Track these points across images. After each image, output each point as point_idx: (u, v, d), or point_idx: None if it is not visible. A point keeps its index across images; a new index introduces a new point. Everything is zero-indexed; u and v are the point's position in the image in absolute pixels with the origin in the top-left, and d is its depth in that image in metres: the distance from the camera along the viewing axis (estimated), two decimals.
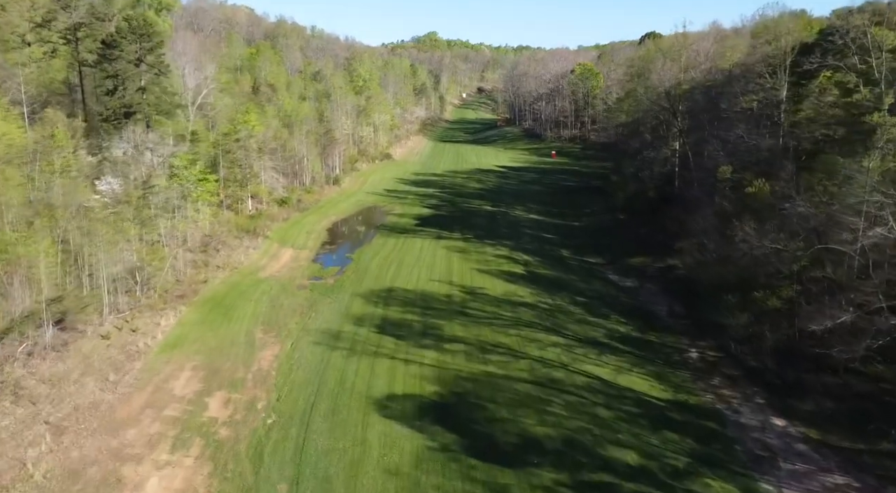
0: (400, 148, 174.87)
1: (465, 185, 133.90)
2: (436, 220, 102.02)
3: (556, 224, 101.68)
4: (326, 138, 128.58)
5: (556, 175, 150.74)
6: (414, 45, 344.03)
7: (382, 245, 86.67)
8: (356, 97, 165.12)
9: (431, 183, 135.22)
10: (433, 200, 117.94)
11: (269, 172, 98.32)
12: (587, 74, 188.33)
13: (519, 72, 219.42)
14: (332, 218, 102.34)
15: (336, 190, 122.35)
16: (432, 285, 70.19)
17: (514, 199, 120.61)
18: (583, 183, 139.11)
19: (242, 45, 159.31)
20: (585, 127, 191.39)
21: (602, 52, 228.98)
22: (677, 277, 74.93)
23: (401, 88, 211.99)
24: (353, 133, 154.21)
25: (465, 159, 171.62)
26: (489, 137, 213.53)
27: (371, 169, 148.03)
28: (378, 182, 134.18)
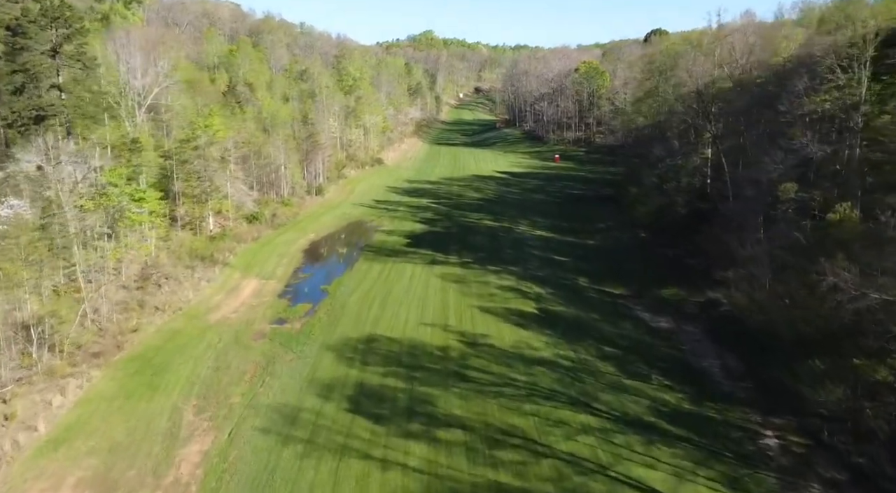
0: (392, 152, 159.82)
1: (463, 194, 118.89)
2: (430, 238, 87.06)
3: (568, 243, 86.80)
4: (309, 143, 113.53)
5: (562, 182, 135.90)
6: (409, 43, 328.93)
7: (366, 272, 71.72)
8: (345, 97, 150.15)
9: (426, 192, 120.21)
10: (427, 212, 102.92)
11: (237, 185, 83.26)
12: (592, 73, 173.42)
13: (519, 71, 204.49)
14: (311, 236, 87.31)
15: (319, 201, 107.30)
16: (423, 331, 55.25)
17: (517, 211, 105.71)
18: (591, 191, 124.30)
19: (221, 41, 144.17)
20: (590, 129, 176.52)
21: (606, 50, 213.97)
22: (723, 316, 60.09)
23: (394, 88, 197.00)
24: (340, 136, 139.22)
25: (462, 164, 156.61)
26: (488, 140, 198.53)
27: (360, 176, 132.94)
28: (367, 191, 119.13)
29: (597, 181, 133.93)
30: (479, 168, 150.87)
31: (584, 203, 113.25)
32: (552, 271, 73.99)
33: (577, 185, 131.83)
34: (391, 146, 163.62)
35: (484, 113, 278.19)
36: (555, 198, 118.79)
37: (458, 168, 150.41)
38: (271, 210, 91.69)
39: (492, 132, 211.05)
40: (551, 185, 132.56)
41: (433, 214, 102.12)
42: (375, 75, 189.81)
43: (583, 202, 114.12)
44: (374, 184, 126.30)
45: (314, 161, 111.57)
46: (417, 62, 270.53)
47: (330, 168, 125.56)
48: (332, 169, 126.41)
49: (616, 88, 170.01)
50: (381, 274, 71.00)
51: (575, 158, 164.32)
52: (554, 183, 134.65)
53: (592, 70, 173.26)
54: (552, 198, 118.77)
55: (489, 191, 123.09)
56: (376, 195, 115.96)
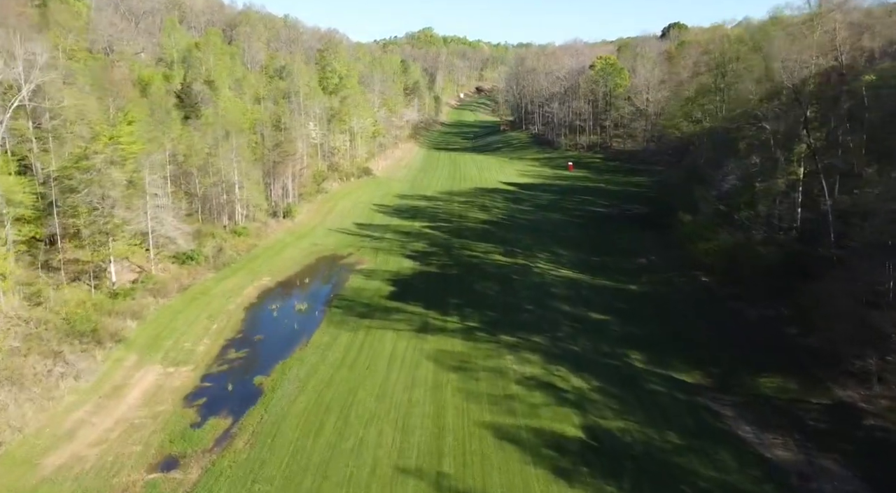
0: (384, 160, 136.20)
1: (465, 215, 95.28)
2: (422, 285, 63.51)
3: (604, 289, 63.32)
4: (277, 153, 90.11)
5: (580, 196, 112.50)
6: (407, 41, 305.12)
7: (327, 349, 48.32)
8: (329, 98, 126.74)
9: (420, 212, 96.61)
10: (420, 242, 79.33)
11: (164, 215, 59.88)
12: (609, 70, 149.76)
13: (525, 68, 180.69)
14: (264, 281, 63.92)
15: (286, 227, 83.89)
16: (402, 489, 32.03)
17: (532, 238, 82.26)
18: (618, 208, 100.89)
19: (185, 34, 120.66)
20: (607, 133, 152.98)
21: (620, 46, 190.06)
22: (876, 439, 37.16)
23: (389, 88, 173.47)
24: (322, 143, 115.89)
25: (463, 174, 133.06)
26: (491, 145, 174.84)
27: (343, 190, 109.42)
28: (349, 211, 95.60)
29: (622, 195, 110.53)
30: (482, 178, 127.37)
31: (613, 225, 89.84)
32: (592, 341, 50.53)
33: (599, 200, 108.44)
34: (383, 153, 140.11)
35: (486, 114, 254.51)
36: (575, 218, 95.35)
37: (459, 179, 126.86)
38: (216, 244, 68.33)
39: (495, 136, 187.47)
40: (568, 200, 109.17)
41: (427, 244, 78.58)
42: (368, 74, 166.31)
43: (611, 224, 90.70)
44: (359, 201, 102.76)
45: (282, 175, 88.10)
46: (415, 60, 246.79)
47: (305, 182, 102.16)
48: (308, 183, 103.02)
49: (637, 86, 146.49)
50: (347, 353, 47.56)
51: (591, 167, 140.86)
52: (571, 197, 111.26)
53: (609, 66, 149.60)
54: (572, 218, 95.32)
55: (496, 209, 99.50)
56: (359, 217, 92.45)
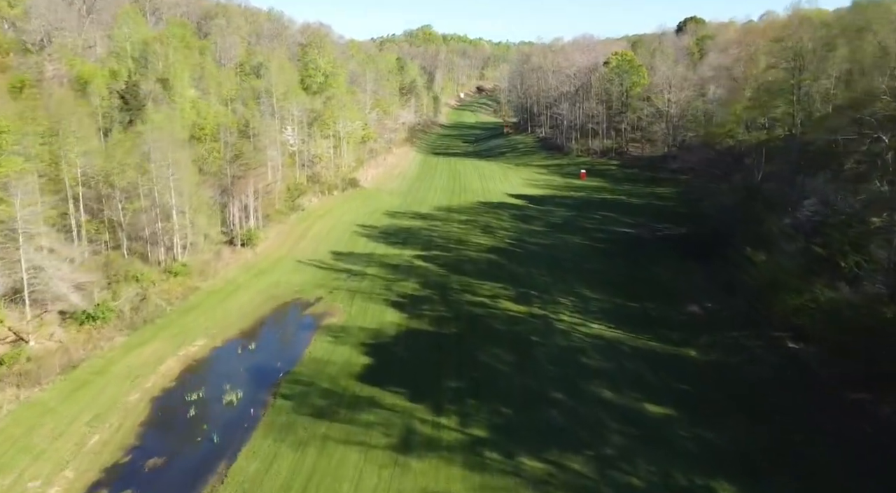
0: (374, 168, 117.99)
1: (466, 239, 77.08)
2: (407, 354, 45.26)
3: (654, 357, 45.26)
4: (237, 166, 72.14)
5: (599, 211, 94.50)
6: (406, 39, 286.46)
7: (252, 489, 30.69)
8: (312, 98, 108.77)
9: (412, 236, 78.48)
10: (410, 281, 61.06)
11: (49, 263, 41.98)
12: (626, 67, 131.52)
13: (531, 66, 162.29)
14: (194, 348, 45.83)
15: (243, 259, 65.79)
16: None
17: (550, 273, 64.23)
18: (646, 228, 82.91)
19: (141, 23, 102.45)
20: (622, 137, 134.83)
21: (634, 41, 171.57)
22: None
23: (383, 87, 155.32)
24: (301, 151, 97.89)
25: (464, 184, 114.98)
26: (494, 149, 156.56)
27: (323, 207, 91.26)
28: (326, 235, 77.53)
29: (647, 211, 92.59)
30: (486, 190, 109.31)
31: (646, 253, 71.94)
32: (655, 462, 32.61)
33: (622, 216, 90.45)
34: (373, 160, 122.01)
35: (487, 115, 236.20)
36: (598, 242, 77.40)
37: (459, 190, 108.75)
38: (138, 292, 50.44)
39: (498, 139, 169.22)
40: (586, 217, 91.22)
41: (419, 283, 60.40)
42: (360, 72, 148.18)
43: (642, 251, 72.76)
44: (341, 220, 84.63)
45: (243, 193, 70.02)
46: (413, 58, 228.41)
47: (279, 197, 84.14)
48: (281, 199, 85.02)
49: (656, 85, 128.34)
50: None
51: (606, 175, 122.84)
52: (589, 213, 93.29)
53: (626, 63, 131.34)
54: (594, 242, 77.37)
55: (503, 232, 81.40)
56: (338, 243, 74.42)
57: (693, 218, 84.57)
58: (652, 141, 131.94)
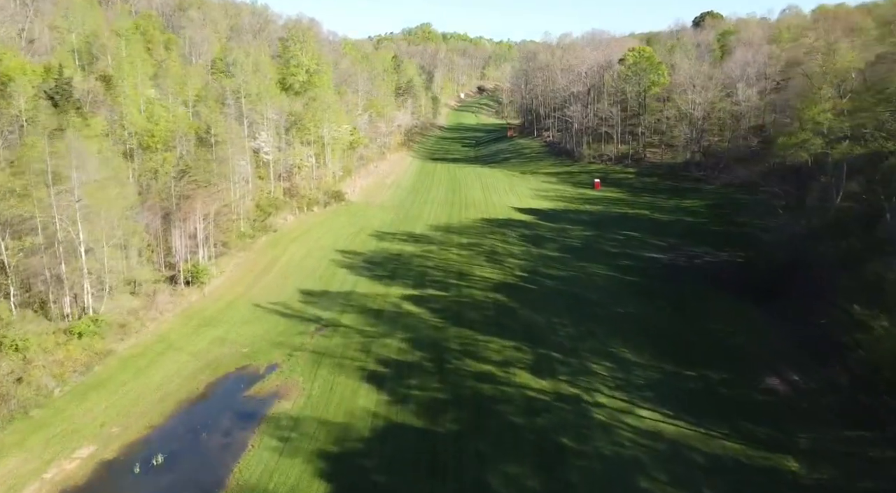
0: (363, 178, 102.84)
1: (468, 271, 61.72)
2: (386, 474, 30.22)
3: (740, 475, 30.61)
4: (184, 184, 57.08)
5: (621, 229, 79.40)
6: (404, 37, 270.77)
7: None
8: (293, 99, 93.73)
9: (402, 266, 63.17)
10: (395, 339, 45.58)
11: None
12: (644, 65, 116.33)
13: (537, 64, 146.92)
14: (76, 459, 30.97)
15: (185, 304, 50.63)
16: None
17: (576, 322, 49.14)
18: (682, 254, 68.02)
19: (93, 12, 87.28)
20: (639, 141, 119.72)
21: (649, 38, 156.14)
22: None
23: (378, 87, 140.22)
24: (276, 160, 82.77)
25: (465, 196, 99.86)
26: (498, 154, 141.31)
27: (299, 227, 76.13)
28: (297, 266, 62.32)
29: (678, 229, 77.71)
30: (489, 203, 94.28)
31: (690, 288, 57.04)
32: None
33: (650, 236, 75.53)
34: (363, 168, 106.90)
35: (489, 116, 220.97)
36: (627, 273, 62.29)
37: (460, 204, 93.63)
38: (12, 370, 35.43)
39: (502, 142, 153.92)
40: (608, 236, 76.25)
41: (407, 341, 45.19)
42: (353, 71, 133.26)
43: (685, 287, 57.71)
44: (318, 245, 69.49)
45: (189, 220, 54.85)
46: (411, 57, 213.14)
47: (243, 219, 69.08)
48: (250, 219, 70.02)
49: (679, 85, 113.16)
50: None
51: (623, 184, 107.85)
52: (610, 232, 78.31)
53: (645, 60, 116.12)
54: (623, 274, 62.26)
55: (512, 259, 66.20)
56: (310, 277, 59.28)
57: (735, 240, 69.90)
58: (671, 146, 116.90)
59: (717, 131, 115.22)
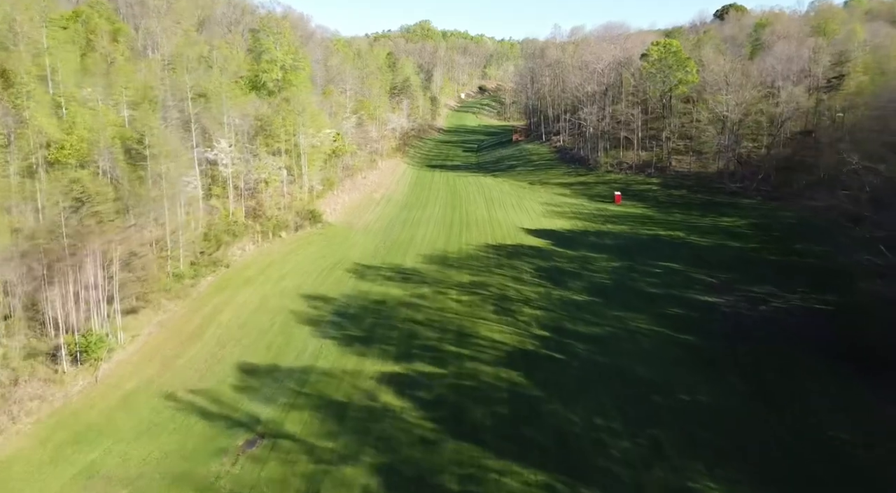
0: (347, 193, 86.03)
1: (471, 330, 45.00)
2: None
3: None
4: (81, 218, 40.45)
5: (657, 258, 62.58)
6: (402, 34, 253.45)
7: None
8: (264, 100, 77.15)
9: (383, 322, 46.12)
10: (361, 470, 28.69)
11: None
12: (670, 61, 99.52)
13: (547, 61, 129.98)
14: None
15: (57, 403, 33.62)
16: None
17: (629, 426, 32.40)
18: (742, 298, 51.47)
19: None
20: (663, 148, 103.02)
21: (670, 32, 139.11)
22: None
23: (370, 87, 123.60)
24: (236, 174, 66.10)
25: (466, 214, 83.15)
26: (503, 161, 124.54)
27: (260, 260, 59.23)
28: (240, 327, 45.19)
29: (725, 258, 61.49)
30: (495, 223, 77.65)
31: (769, 354, 40.63)
32: None
33: (694, 268, 59.02)
34: (349, 180, 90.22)
35: (491, 117, 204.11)
36: (680, 327, 45.68)
37: (460, 224, 76.99)
38: None
39: (506, 147, 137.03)
40: (643, 269, 59.55)
41: (378, 475, 28.67)
42: (340, 69, 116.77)
43: (761, 350, 41.33)
44: (276, 289, 52.63)
45: (93, 266, 38.25)
46: (409, 55, 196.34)
47: (184, 255, 52.45)
48: (194, 253, 53.43)
49: (710, 83, 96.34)
50: None
51: (647, 197, 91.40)
52: (644, 262, 61.57)
53: (671, 56, 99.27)
54: (675, 327, 45.67)
55: (528, 309, 49.34)
56: (256, 344, 42.32)
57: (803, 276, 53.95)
58: (700, 153, 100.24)
59: (752, 136, 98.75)
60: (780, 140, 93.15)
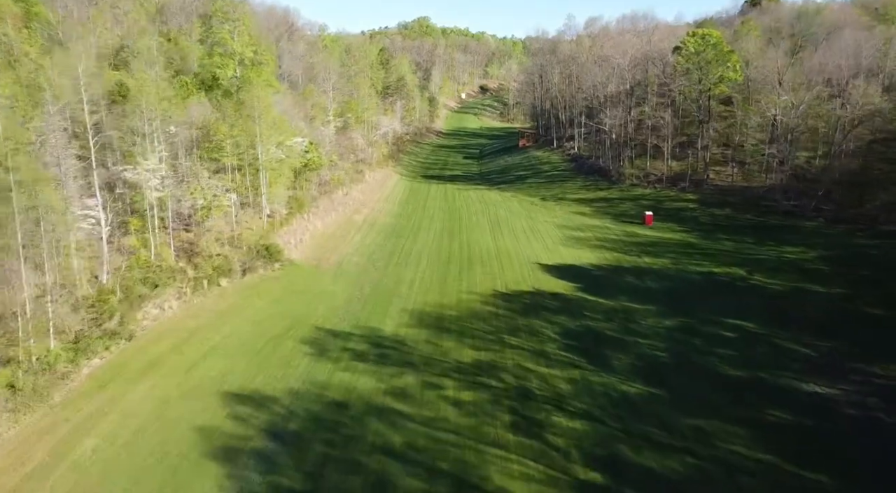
0: (321, 217, 67.92)
1: (478, 466, 27.13)
2: None
3: None
4: None
5: (721, 317, 44.73)
6: (399, 31, 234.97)
7: None
8: (217, 102, 59.49)
9: (339, 450, 27.87)
10: None
11: None
12: (710, 55, 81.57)
13: (560, 56, 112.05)
14: None
15: None
16: None
17: None
18: (867, 386, 33.64)
19: None
20: (698, 157, 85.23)
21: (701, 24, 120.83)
22: None
23: (358, 86, 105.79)
24: (165, 198, 48.50)
25: (467, 242, 65.32)
26: (509, 171, 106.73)
27: (181, 326, 41.47)
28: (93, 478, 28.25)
29: (813, 313, 43.60)
30: (503, 256, 59.89)
31: None
32: None
33: (775, 329, 41.20)
34: (327, 198, 72.42)
35: (493, 119, 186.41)
36: (801, 454, 28.00)
37: (459, 260, 59.12)
38: None
39: (512, 154, 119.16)
40: (705, 332, 41.74)
41: None
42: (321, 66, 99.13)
43: None
44: (191, 382, 34.93)
45: None
46: (406, 51, 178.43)
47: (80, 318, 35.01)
48: (85, 319, 35.95)
49: (759, 81, 78.59)
50: None
51: (683, 218, 73.88)
52: (704, 320, 43.73)
53: (710, 48, 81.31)
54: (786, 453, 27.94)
55: (562, 420, 31.44)
56: None
57: None
58: (743, 164, 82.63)
59: (806, 145, 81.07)
60: (843, 150, 75.54)
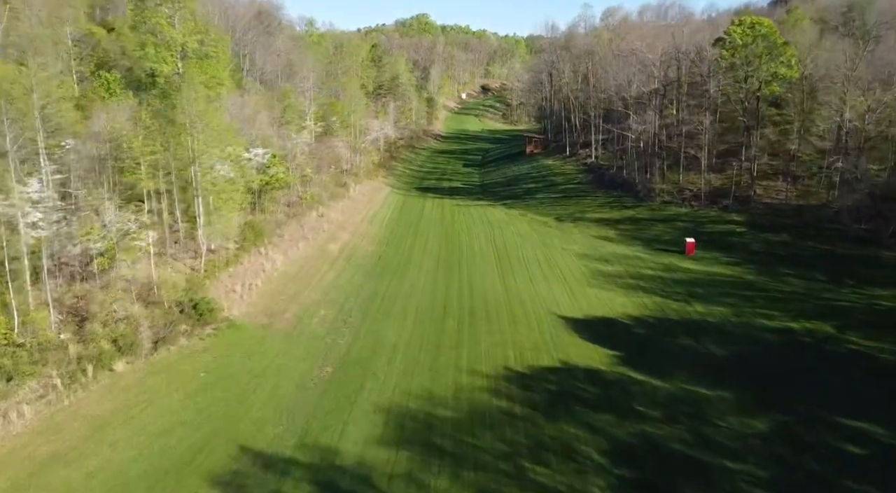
0: (283, 250, 52.63)
1: None
2: None
3: None
4: None
5: (825, 407, 29.74)
6: (396, 28, 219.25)
7: None
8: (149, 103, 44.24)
9: None
10: None
11: None
12: (759, 48, 66.13)
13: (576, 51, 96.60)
14: None
15: None
16: None
17: None
18: None
19: None
20: (742, 170, 69.93)
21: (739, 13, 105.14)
22: None
23: (344, 86, 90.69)
24: (36, 247, 33.43)
25: (469, 283, 50.16)
26: (516, 183, 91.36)
27: (19, 455, 26.71)
28: None
29: None
30: (516, 306, 44.66)
31: None
32: None
33: None
34: (295, 223, 57.18)
35: (495, 120, 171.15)
36: None
37: (459, 314, 43.84)
38: None
39: (519, 162, 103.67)
40: (822, 450, 26.22)
41: None
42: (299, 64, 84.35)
43: None
44: None
45: None
46: (403, 49, 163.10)
47: None
48: None
49: (820, 79, 63.40)
50: None
51: (732, 245, 58.62)
52: (814, 427, 28.28)
53: (761, 40, 65.85)
54: None
55: None
56: None
57: None
58: (797, 178, 67.40)
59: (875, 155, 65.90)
60: None
